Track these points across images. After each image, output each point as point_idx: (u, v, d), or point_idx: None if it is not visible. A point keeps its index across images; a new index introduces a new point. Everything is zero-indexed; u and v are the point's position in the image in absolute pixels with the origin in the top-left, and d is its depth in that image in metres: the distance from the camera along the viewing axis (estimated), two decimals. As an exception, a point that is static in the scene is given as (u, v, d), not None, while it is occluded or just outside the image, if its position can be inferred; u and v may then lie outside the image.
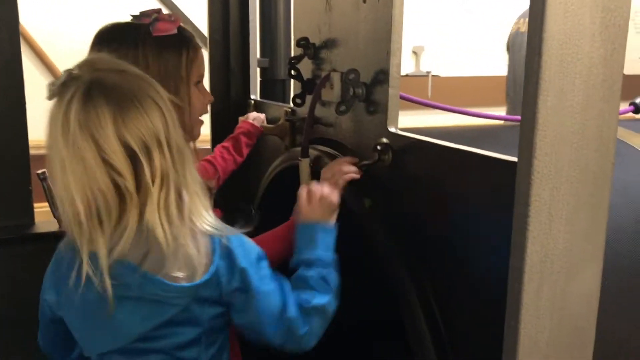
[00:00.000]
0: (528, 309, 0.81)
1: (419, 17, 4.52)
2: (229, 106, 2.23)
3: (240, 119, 2.05)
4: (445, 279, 1.14)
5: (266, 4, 2.25)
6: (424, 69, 4.70)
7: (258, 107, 2.13)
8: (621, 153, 1.64)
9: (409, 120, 1.61)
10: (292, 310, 1.16)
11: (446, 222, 1.15)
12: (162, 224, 1.03)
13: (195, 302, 1.12)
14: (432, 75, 4.67)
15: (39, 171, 2.00)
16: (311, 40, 1.64)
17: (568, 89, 0.77)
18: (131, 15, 1.47)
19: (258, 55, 2.26)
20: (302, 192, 1.31)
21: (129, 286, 1.08)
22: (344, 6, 1.49)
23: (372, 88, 1.38)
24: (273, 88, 2.29)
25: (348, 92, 1.41)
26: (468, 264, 1.05)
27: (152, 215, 1.03)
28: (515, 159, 0.83)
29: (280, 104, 2.04)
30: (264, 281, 1.16)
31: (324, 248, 1.25)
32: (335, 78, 1.50)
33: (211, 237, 1.12)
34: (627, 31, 0.79)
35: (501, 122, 1.95)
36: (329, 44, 1.59)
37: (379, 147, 1.30)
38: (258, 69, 2.25)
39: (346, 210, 1.35)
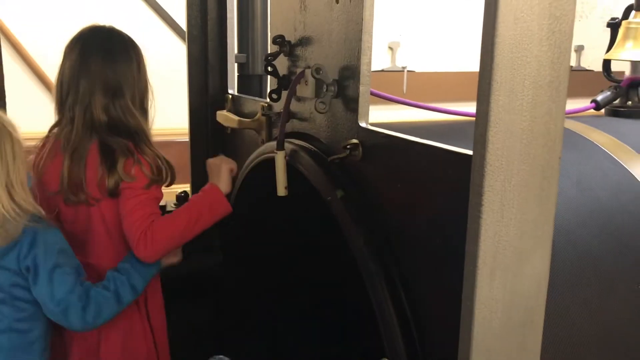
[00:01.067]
0: (482, 290, 0.89)
1: (395, 13, 4.59)
2: (206, 100, 2.27)
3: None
4: (410, 263, 1.22)
5: (244, 1, 2.29)
6: (399, 64, 4.78)
7: (235, 101, 2.18)
8: (579, 147, 1.74)
9: (386, 115, 1.67)
10: (75, 297, 1.52)
11: (412, 211, 1.22)
12: None
13: None
14: (408, 71, 4.75)
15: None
16: (287, 38, 1.69)
17: (518, 89, 0.85)
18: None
19: (235, 51, 2.30)
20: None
21: None
22: (318, 6, 1.55)
23: (344, 85, 1.44)
24: (250, 83, 2.35)
25: (322, 89, 1.48)
26: (431, 249, 1.13)
27: None
28: (471, 153, 0.90)
29: (257, 98, 2.09)
30: (56, 269, 1.51)
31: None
32: (307, 74, 1.56)
33: (29, 219, 1.49)
34: (572, 36, 0.86)
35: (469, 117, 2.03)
36: (304, 41, 1.65)
37: (347, 146, 1.36)
38: (235, 64, 2.30)
39: (321, 200, 1.42)
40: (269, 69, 1.76)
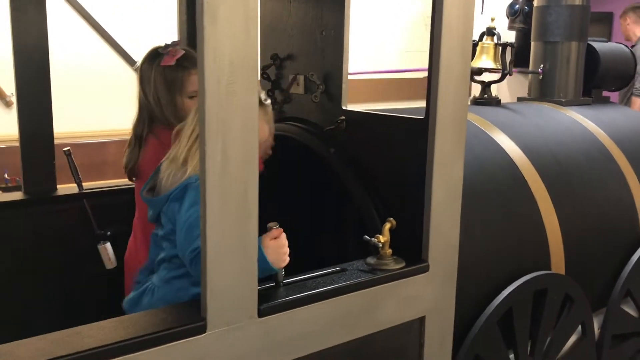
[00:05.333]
0: (436, 177, 1.84)
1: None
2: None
3: None
4: (382, 185, 2.14)
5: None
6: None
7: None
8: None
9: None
10: None
11: (377, 156, 2.15)
12: None
13: None
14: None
15: (65, 148, 2.66)
16: (279, 55, 2.56)
17: (450, 83, 1.80)
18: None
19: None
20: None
21: None
22: (304, 35, 2.43)
23: (329, 84, 2.35)
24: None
25: (314, 87, 2.37)
26: (390, 176, 2.06)
27: None
28: (419, 117, 1.85)
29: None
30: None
31: None
32: (300, 79, 2.45)
33: None
34: (470, 56, 1.84)
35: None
36: (292, 57, 2.53)
37: (338, 120, 2.27)
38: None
39: (317, 155, 2.31)
40: (264, 75, 2.61)
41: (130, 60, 4.97)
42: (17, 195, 2.61)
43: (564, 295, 2.49)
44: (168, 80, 2.16)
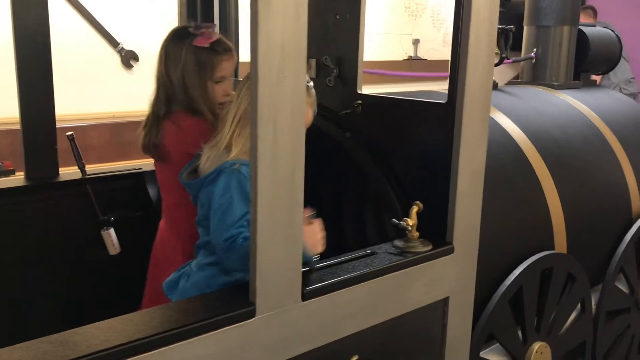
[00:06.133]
0: (462, 159, 1.87)
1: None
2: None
3: None
4: (400, 171, 2.17)
5: (222, 13, 3.06)
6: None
7: (223, 83, 2.95)
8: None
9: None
10: None
11: (393, 140, 2.17)
12: None
13: None
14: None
15: (68, 133, 2.60)
16: (289, 38, 2.54)
17: (478, 66, 1.83)
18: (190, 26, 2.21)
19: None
20: None
21: None
22: (317, 17, 2.42)
23: (343, 68, 2.35)
24: (227, 69, 3.12)
25: (328, 71, 2.37)
26: (402, 159, 2.09)
27: None
28: (441, 101, 1.88)
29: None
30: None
31: None
32: (312, 62, 2.44)
33: None
34: (494, 36, 1.87)
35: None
36: (302, 40, 2.51)
37: (354, 105, 2.28)
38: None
39: (334, 140, 2.32)
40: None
41: (113, 42, 4.86)
42: (19, 181, 2.56)
43: (566, 274, 2.57)
44: (200, 61, 2.10)
